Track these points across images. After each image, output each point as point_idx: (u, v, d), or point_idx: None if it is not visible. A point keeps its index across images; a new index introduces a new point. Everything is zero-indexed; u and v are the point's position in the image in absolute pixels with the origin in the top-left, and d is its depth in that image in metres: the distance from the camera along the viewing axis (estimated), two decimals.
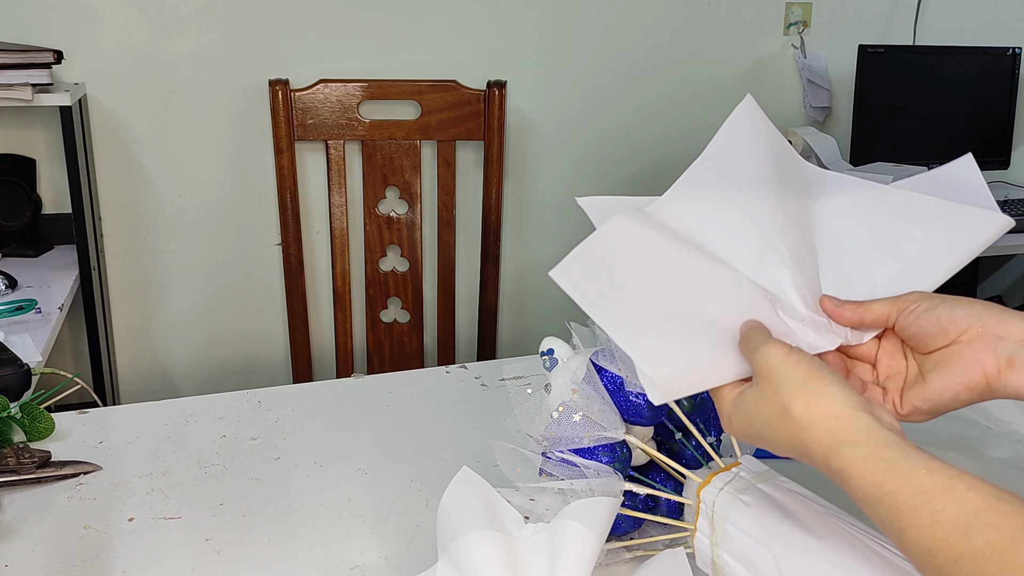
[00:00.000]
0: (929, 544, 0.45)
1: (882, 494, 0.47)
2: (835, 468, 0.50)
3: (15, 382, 0.98)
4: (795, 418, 0.53)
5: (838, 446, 0.51)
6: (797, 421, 0.53)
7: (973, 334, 0.58)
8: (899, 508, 0.46)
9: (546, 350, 0.78)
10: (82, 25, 1.88)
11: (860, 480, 0.49)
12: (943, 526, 0.44)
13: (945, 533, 0.44)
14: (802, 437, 0.53)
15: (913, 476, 0.47)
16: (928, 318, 0.60)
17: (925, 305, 0.61)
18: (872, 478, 0.48)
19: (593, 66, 2.24)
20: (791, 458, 0.56)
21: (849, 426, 0.51)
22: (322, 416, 1.00)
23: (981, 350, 0.57)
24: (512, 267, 2.29)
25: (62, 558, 0.73)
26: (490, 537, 0.66)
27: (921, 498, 0.46)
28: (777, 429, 0.55)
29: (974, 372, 0.57)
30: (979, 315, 0.58)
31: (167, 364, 2.11)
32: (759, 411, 0.56)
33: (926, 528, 0.45)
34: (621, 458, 0.71)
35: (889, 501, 0.47)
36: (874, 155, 2.28)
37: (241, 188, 2.05)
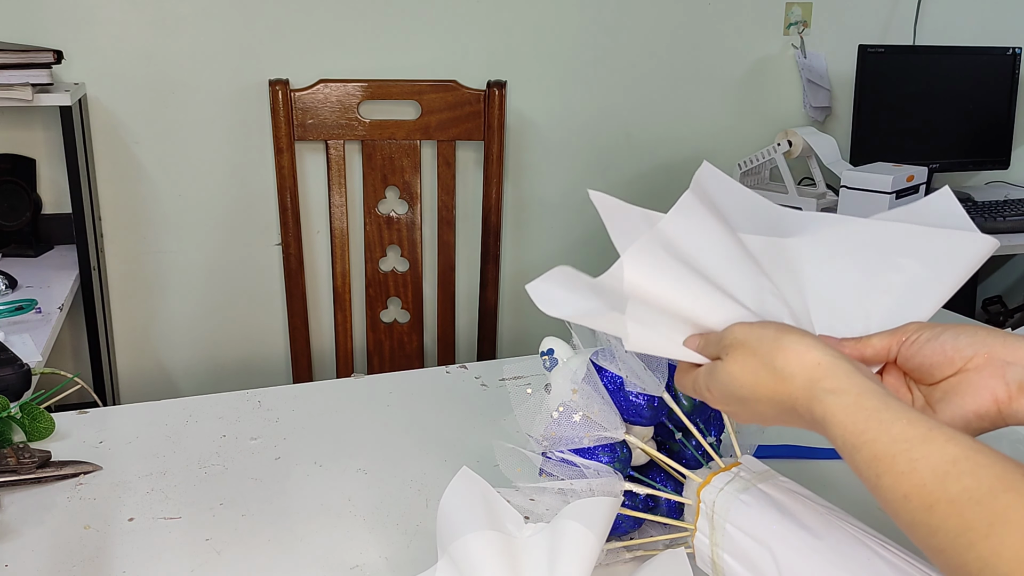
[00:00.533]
0: (905, 490, 0.45)
1: (861, 442, 0.48)
2: (818, 415, 0.51)
3: (15, 382, 0.98)
4: (777, 370, 0.54)
5: (821, 393, 0.51)
6: (779, 373, 0.54)
7: (980, 361, 0.57)
8: (877, 456, 0.47)
9: (546, 350, 0.78)
10: (82, 25, 1.87)
11: (840, 428, 0.49)
12: (920, 473, 0.45)
13: (922, 480, 0.44)
14: (785, 389, 0.54)
15: (894, 425, 0.47)
16: (931, 348, 0.59)
17: (926, 335, 0.59)
18: (853, 426, 0.49)
19: (593, 66, 2.24)
20: (778, 424, 0.57)
21: (831, 372, 0.52)
22: (322, 416, 1.00)
23: (989, 376, 0.57)
24: (512, 267, 2.29)
25: (62, 558, 0.73)
26: (490, 537, 0.66)
27: (900, 446, 0.46)
28: (758, 388, 0.55)
29: (984, 399, 0.57)
30: (984, 341, 0.58)
31: (167, 364, 2.11)
32: (735, 378, 0.57)
33: (903, 475, 0.45)
34: (621, 458, 0.71)
35: (868, 449, 0.47)
36: (874, 155, 2.28)
37: (241, 188, 2.05)
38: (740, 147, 2.41)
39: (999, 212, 2.15)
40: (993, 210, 2.17)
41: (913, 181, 2.16)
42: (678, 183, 2.39)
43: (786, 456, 0.88)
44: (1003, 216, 2.12)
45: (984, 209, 2.17)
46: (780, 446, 0.89)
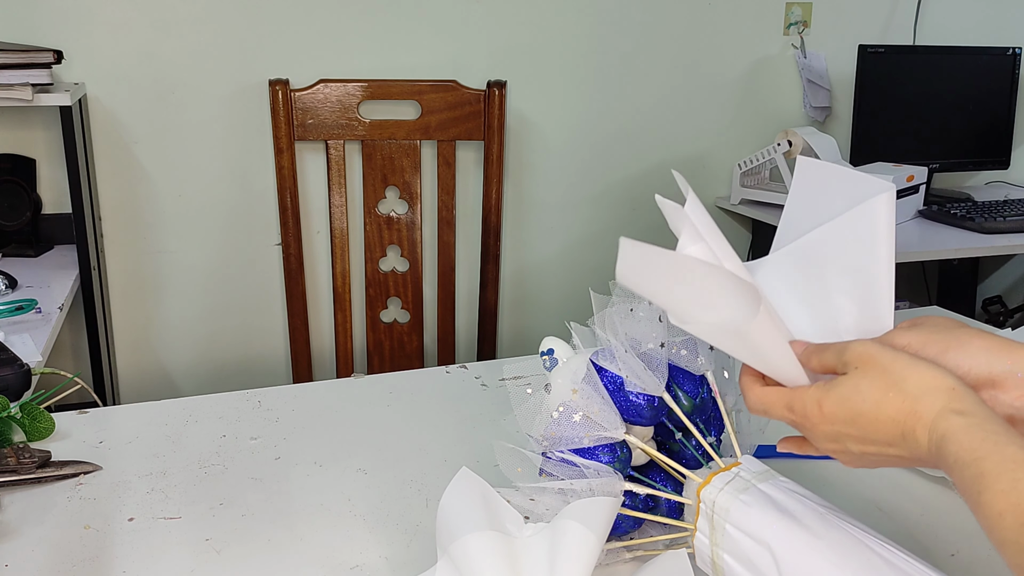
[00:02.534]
0: (1001, 508, 0.46)
1: (972, 459, 0.49)
2: (939, 432, 0.52)
3: (15, 382, 0.98)
4: (907, 390, 0.55)
5: (949, 413, 0.52)
6: (909, 392, 0.54)
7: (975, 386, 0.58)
8: (984, 473, 0.48)
9: (546, 350, 0.78)
10: (82, 25, 1.88)
11: (957, 445, 0.51)
12: (1019, 492, 0.46)
13: (1019, 498, 0.46)
14: (912, 407, 0.54)
15: (1008, 448, 0.49)
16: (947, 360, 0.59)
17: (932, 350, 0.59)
18: (969, 443, 0.50)
19: (593, 66, 2.24)
20: (876, 461, 0.57)
21: (962, 397, 0.53)
22: (322, 416, 1.00)
23: None
24: (512, 267, 2.29)
25: (62, 558, 0.73)
26: (490, 537, 0.66)
27: (1007, 466, 0.48)
28: (884, 405, 0.55)
29: None
30: (972, 369, 0.58)
31: (167, 364, 2.11)
32: (861, 392, 0.56)
33: (1003, 493, 0.47)
34: (621, 458, 0.71)
35: (976, 466, 0.49)
36: (874, 155, 2.28)
37: (241, 188, 2.05)
38: (740, 147, 2.41)
39: (999, 212, 2.15)
40: (993, 210, 2.17)
41: (913, 181, 2.16)
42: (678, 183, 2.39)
43: (786, 456, 0.88)
44: (1003, 216, 2.12)
45: (984, 209, 2.17)
46: None
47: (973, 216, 2.12)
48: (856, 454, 0.58)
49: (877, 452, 0.57)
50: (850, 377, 0.58)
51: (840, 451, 0.59)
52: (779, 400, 0.61)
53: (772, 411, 0.61)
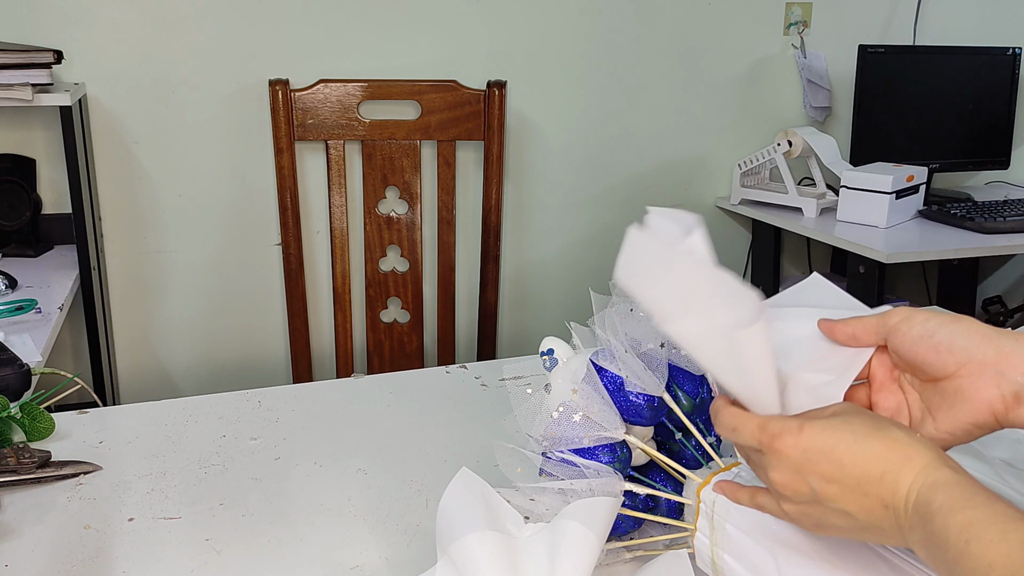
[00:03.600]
0: (990, 558, 0.46)
1: (962, 507, 0.49)
2: (931, 477, 0.51)
3: (15, 382, 0.98)
4: (897, 435, 0.54)
5: (944, 466, 0.52)
6: (898, 437, 0.54)
7: (972, 368, 0.57)
8: (973, 522, 0.48)
9: (546, 350, 0.78)
10: (82, 25, 1.88)
11: (946, 492, 0.50)
12: (1009, 543, 0.46)
13: (1009, 549, 0.46)
14: (905, 450, 0.53)
15: (996, 504, 0.49)
16: (925, 347, 0.59)
17: (918, 330, 0.59)
18: (960, 493, 0.50)
19: (593, 66, 2.24)
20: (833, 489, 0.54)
21: (950, 459, 0.53)
22: (322, 416, 1.00)
23: (985, 387, 0.57)
24: (512, 267, 2.29)
25: (62, 558, 0.73)
26: (490, 537, 0.66)
27: (997, 518, 0.48)
28: (872, 437, 0.54)
29: (982, 410, 0.57)
30: (977, 347, 0.57)
31: (167, 364, 2.11)
32: (851, 423, 0.55)
33: (992, 544, 0.47)
34: (621, 458, 0.71)
35: (965, 514, 0.49)
36: (874, 155, 2.28)
37: (241, 188, 2.05)
38: (740, 147, 2.41)
39: (999, 212, 2.15)
40: (993, 210, 2.17)
41: (913, 181, 2.16)
42: (678, 183, 2.39)
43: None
44: (1003, 216, 2.12)
45: (984, 209, 2.17)
46: None
47: (973, 216, 2.12)
48: (810, 496, 0.55)
49: (838, 494, 0.54)
50: (839, 412, 0.56)
51: (795, 491, 0.56)
52: (752, 419, 0.58)
53: (742, 430, 0.58)
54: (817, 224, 2.16)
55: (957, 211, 2.16)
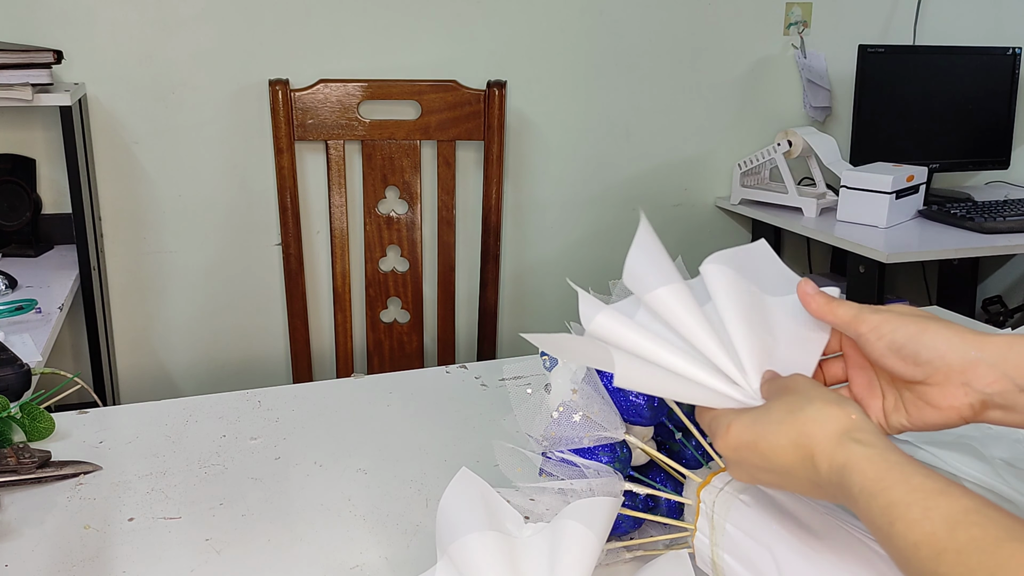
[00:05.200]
0: (916, 538, 0.46)
1: (879, 489, 0.49)
2: (839, 460, 0.52)
3: (15, 382, 0.98)
4: (809, 412, 0.55)
5: (849, 441, 0.52)
6: (810, 415, 0.55)
7: (940, 378, 0.59)
8: (894, 502, 0.48)
9: None
10: (82, 25, 1.88)
11: (861, 475, 0.51)
12: (932, 521, 0.46)
13: (933, 527, 0.46)
14: (811, 430, 0.54)
15: (913, 477, 0.49)
16: (893, 359, 0.60)
17: (885, 343, 0.60)
18: (874, 474, 0.50)
19: (593, 66, 2.24)
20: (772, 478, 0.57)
21: (862, 426, 0.53)
22: (322, 416, 1.00)
23: (952, 396, 0.58)
24: (512, 267, 2.29)
25: (62, 558, 0.73)
26: (490, 537, 0.66)
27: (916, 495, 0.48)
28: (784, 423, 0.56)
29: (951, 416, 0.59)
30: (943, 359, 0.58)
31: (167, 364, 2.11)
32: (768, 412, 0.57)
33: (916, 522, 0.47)
34: (621, 458, 0.71)
35: (885, 496, 0.49)
36: (874, 155, 2.29)
37: (241, 188, 2.05)
38: (740, 147, 2.41)
39: (999, 212, 2.15)
40: (993, 210, 2.17)
41: (913, 181, 2.16)
42: (678, 183, 2.39)
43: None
44: (1003, 216, 2.12)
45: (984, 209, 2.17)
46: None
47: (973, 216, 2.12)
48: (760, 484, 0.59)
49: (778, 482, 0.57)
50: (773, 393, 0.59)
51: (749, 479, 0.60)
52: (705, 415, 0.62)
53: (702, 419, 0.63)
54: (817, 224, 2.16)
55: (957, 211, 2.16)
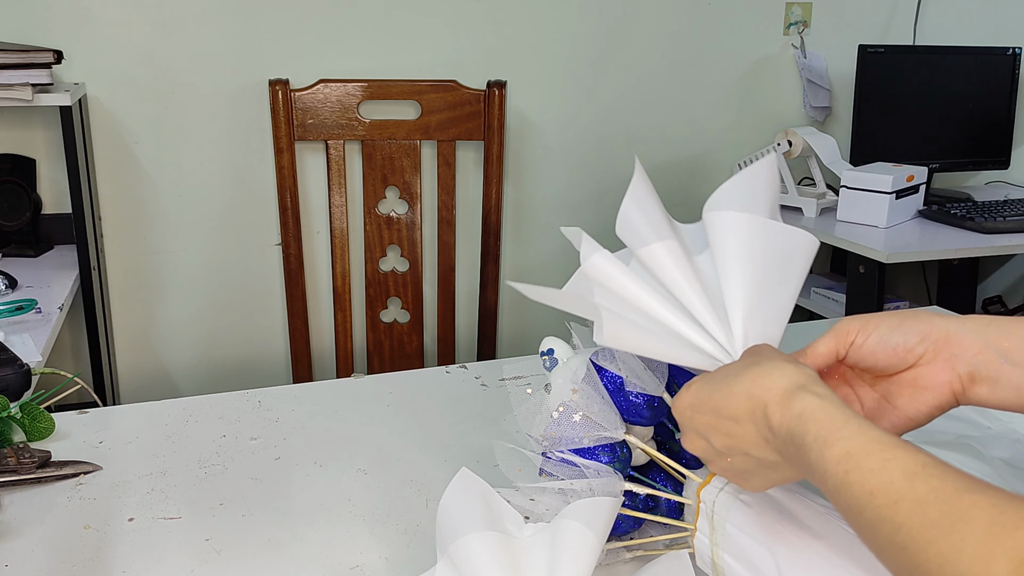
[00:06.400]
0: (872, 487, 0.46)
1: (836, 438, 0.49)
2: (795, 410, 0.52)
3: (15, 382, 0.98)
4: (765, 366, 0.55)
5: (804, 391, 0.53)
6: (765, 367, 0.55)
7: (929, 356, 0.60)
8: (850, 452, 0.48)
9: (546, 350, 0.78)
10: (82, 25, 1.88)
11: (817, 424, 0.50)
12: (891, 471, 0.46)
13: (891, 477, 0.46)
14: (765, 381, 0.54)
15: (871, 430, 0.49)
16: (883, 349, 0.61)
17: (874, 336, 0.61)
18: (830, 423, 0.50)
19: (593, 66, 2.24)
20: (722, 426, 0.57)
21: (817, 381, 0.54)
22: (322, 416, 1.00)
23: (942, 371, 0.59)
24: (512, 267, 2.29)
25: (62, 558, 0.73)
26: (490, 537, 0.66)
27: (874, 446, 0.48)
28: (740, 376, 0.56)
29: (943, 392, 0.60)
30: (930, 335, 0.60)
31: (167, 364, 2.11)
32: (727, 368, 0.58)
33: (873, 472, 0.46)
34: (621, 458, 0.71)
35: (841, 445, 0.49)
36: (874, 155, 2.28)
37: (241, 188, 2.05)
38: (740, 147, 2.41)
39: (999, 212, 2.15)
40: (993, 210, 2.17)
41: (913, 181, 2.16)
42: (678, 183, 2.39)
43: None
44: (1003, 216, 2.12)
45: (984, 209, 2.17)
46: None
47: (973, 216, 2.12)
48: (712, 450, 0.59)
49: (725, 440, 0.57)
50: (728, 363, 0.60)
51: (700, 449, 0.60)
52: None
53: None
54: (817, 224, 2.16)
55: (957, 211, 2.16)
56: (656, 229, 0.66)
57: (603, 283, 0.65)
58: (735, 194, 0.67)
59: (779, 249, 0.65)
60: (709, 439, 0.59)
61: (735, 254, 0.64)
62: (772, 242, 0.65)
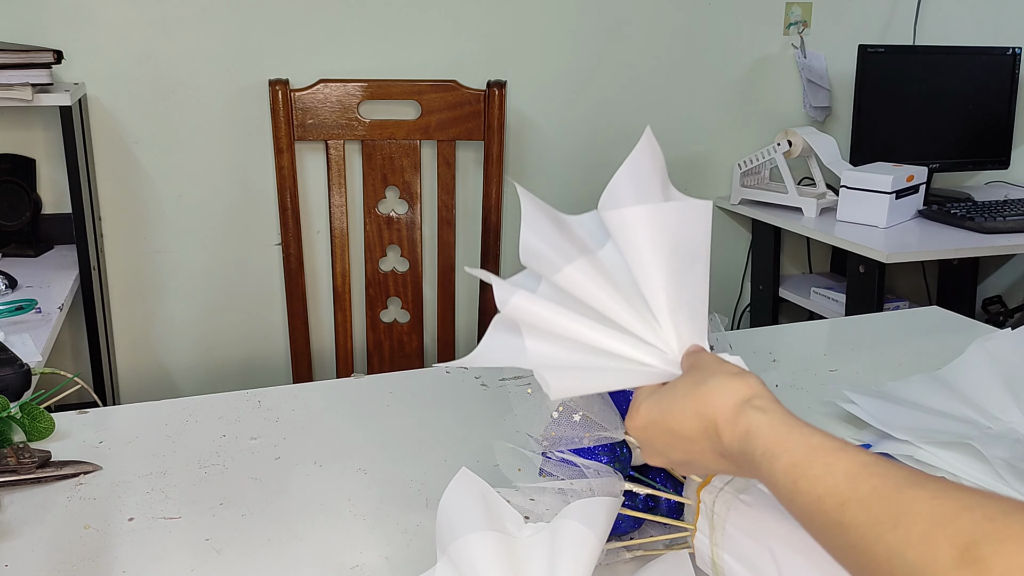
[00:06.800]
0: (819, 492, 0.48)
1: (782, 450, 0.51)
2: (741, 428, 0.54)
3: (15, 382, 0.98)
4: (711, 384, 0.57)
5: (749, 408, 0.54)
6: (712, 386, 0.57)
7: None
8: (796, 462, 0.50)
9: None
10: (82, 25, 1.88)
11: (763, 439, 0.53)
12: (834, 475, 0.48)
13: (835, 481, 0.48)
14: (712, 400, 0.56)
15: (812, 437, 0.51)
16: None
17: None
18: (775, 437, 0.52)
19: (593, 66, 2.24)
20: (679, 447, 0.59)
21: (761, 394, 0.56)
22: (322, 416, 1.00)
23: None
24: (512, 267, 2.29)
25: (62, 558, 0.73)
26: (490, 537, 0.66)
27: (817, 453, 0.50)
28: (688, 396, 0.58)
29: None
30: None
31: (167, 364, 2.11)
32: (675, 387, 0.59)
33: (818, 478, 0.48)
34: (621, 458, 0.71)
35: (787, 456, 0.51)
36: (874, 155, 2.28)
37: (241, 188, 2.05)
38: (740, 147, 2.41)
39: (999, 212, 2.15)
40: (993, 210, 2.17)
41: (913, 181, 2.16)
42: (678, 183, 2.38)
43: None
44: (1003, 216, 2.12)
45: (984, 209, 2.17)
46: None
47: (973, 216, 2.12)
48: (673, 462, 0.61)
49: (685, 456, 0.59)
50: (672, 382, 0.61)
51: (664, 462, 0.62)
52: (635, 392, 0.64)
53: None
54: (817, 224, 2.16)
55: (957, 211, 2.16)
56: (562, 252, 0.65)
57: (528, 322, 0.65)
58: (626, 186, 0.67)
59: (682, 227, 0.65)
60: (668, 455, 0.61)
61: (644, 249, 0.64)
62: (673, 223, 0.65)
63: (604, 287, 0.64)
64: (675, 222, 0.65)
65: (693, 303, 0.65)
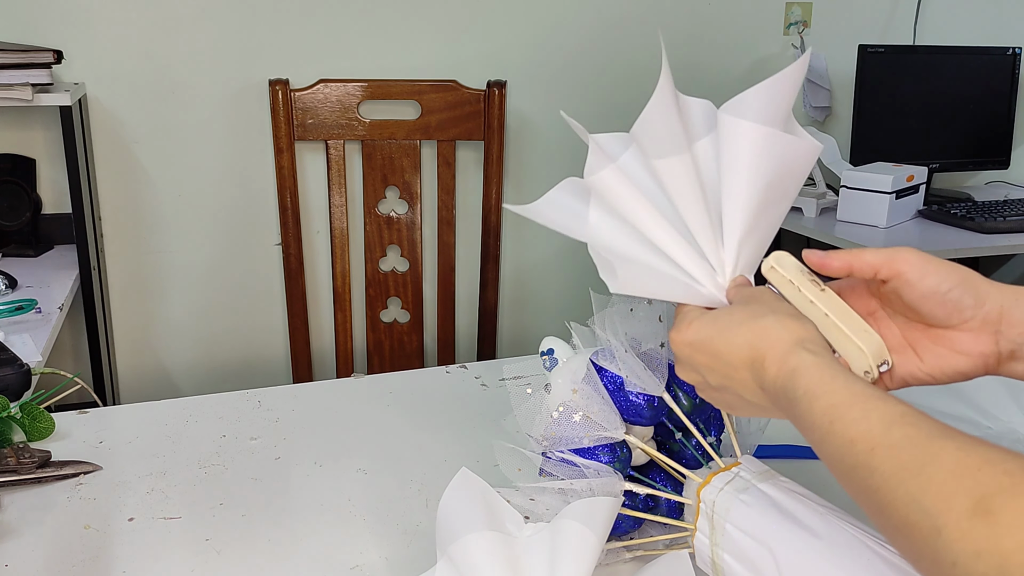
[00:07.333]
0: (852, 435, 0.49)
1: (824, 391, 0.52)
2: (790, 364, 0.54)
3: (15, 382, 0.98)
4: (770, 319, 0.57)
5: (801, 349, 0.55)
6: (771, 321, 0.57)
7: (976, 324, 0.58)
8: (835, 404, 0.51)
9: (546, 350, 0.78)
10: (82, 25, 1.88)
11: (808, 378, 0.53)
12: (870, 420, 0.48)
13: (870, 426, 0.48)
14: (768, 334, 0.57)
15: (855, 384, 0.52)
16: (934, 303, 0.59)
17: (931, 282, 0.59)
18: (820, 378, 0.53)
19: (593, 66, 2.24)
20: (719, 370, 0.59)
21: (815, 339, 0.56)
22: (322, 416, 1.00)
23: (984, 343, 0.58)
24: (512, 267, 2.29)
25: (62, 558, 0.73)
26: (490, 537, 0.66)
27: (858, 399, 0.50)
28: (743, 324, 0.58)
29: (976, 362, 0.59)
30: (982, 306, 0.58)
31: (167, 364, 2.11)
32: (732, 313, 0.60)
33: (854, 422, 0.49)
34: (621, 458, 0.71)
35: (827, 398, 0.51)
36: (874, 155, 2.28)
37: (241, 188, 2.05)
38: None
39: (999, 212, 2.15)
40: (993, 210, 2.17)
41: (913, 181, 2.16)
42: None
43: (786, 456, 0.88)
44: (1003, 216, 2.12)
45: (984, 209, 2.17)
46: (780, 446, 0.89)
47: (973, 216, 2.12)
48: (706, 383, 0.61)
49: (722, 381, 0.59)
50: (743, 300, 0.61)
51: (693, 380, 0.63)
52: (677, 311, 0.64)
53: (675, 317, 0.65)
54: (817, 224, 2.16)
55: (957, 211, 2.15)
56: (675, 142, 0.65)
57: (604, 196, 0.65)
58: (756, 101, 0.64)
59: (788, 162, 0.64)
60: (705, 376, 0.61)
61: (744, 168, 0.63)
62: (782, 156, 0.63)
63: (693, 189, 0.64)
64: (784, 155, 0.63)
65: (762, 239, 0.65)
